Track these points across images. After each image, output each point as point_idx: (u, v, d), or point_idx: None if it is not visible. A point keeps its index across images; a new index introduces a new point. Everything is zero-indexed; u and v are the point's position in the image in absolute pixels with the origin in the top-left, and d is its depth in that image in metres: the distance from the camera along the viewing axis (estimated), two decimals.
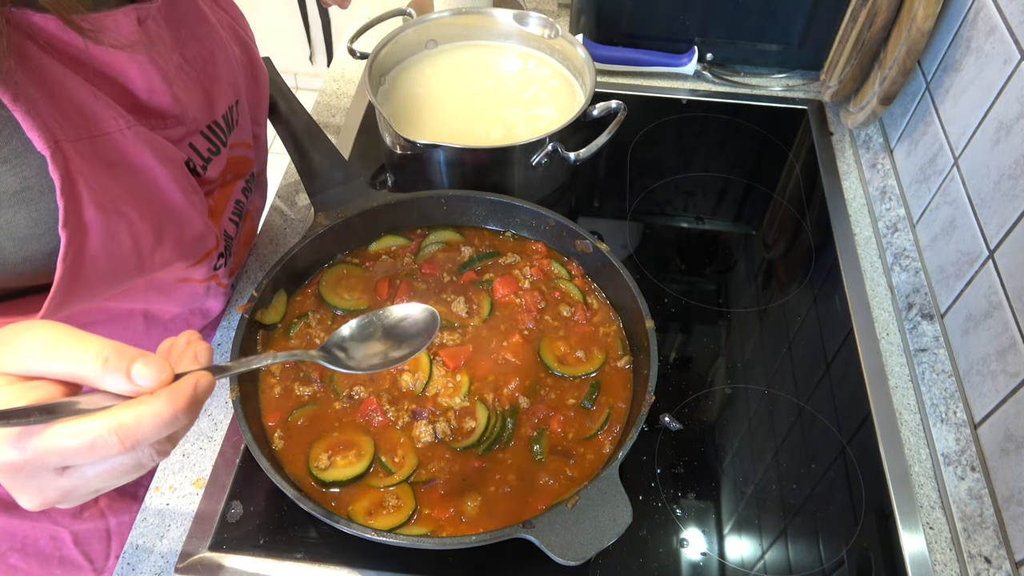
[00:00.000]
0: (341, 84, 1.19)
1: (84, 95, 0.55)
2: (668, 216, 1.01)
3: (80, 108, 0.55)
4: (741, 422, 0.80)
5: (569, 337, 0.79)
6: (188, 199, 0.65)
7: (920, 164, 0.94)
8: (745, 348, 0.86)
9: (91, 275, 0.57)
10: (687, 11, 1.13)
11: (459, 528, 0.66)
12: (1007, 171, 0.74)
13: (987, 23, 0.81)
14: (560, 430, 0.72)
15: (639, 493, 0.73)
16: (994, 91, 0.78)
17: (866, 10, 0.98)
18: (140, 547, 0.70)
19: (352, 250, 0.86)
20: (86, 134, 0.55)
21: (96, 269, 0.57)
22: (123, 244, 0.59)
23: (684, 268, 0.95)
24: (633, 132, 1.10)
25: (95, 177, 0.55)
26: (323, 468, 0.68)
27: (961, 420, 0.76)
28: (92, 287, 0.58)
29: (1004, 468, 0.69)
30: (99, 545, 0.81)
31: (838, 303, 0.90)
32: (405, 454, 0.70)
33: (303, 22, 2.63)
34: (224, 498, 0.72)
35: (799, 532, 0.72)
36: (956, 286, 0.81)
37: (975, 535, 0.70)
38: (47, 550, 0.79)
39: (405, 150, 0.92)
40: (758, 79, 1.20)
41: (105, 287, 0.60)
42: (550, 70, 1.06)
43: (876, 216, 0.99)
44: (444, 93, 1.02)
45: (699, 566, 0.69)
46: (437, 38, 1.06)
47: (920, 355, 0.83)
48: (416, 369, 0.75)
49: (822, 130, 1.12)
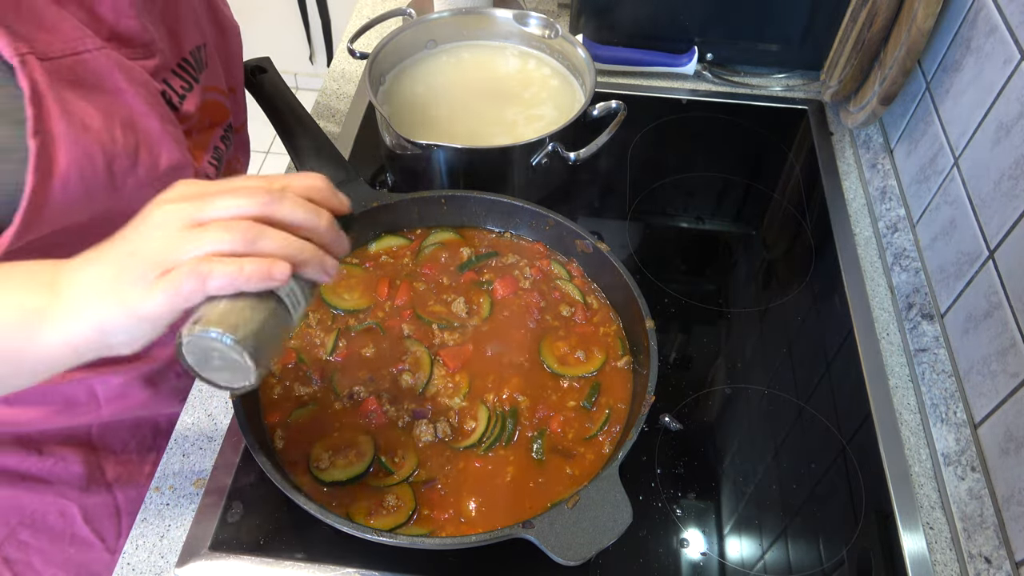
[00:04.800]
0: (341, 84, 1.19)
1: (51, 14, 0.55)
2: (668, 216, 1.01)
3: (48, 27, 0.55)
4: (741, 422, 0.80)
5: (569, 337, 0.79)
6: (164, 127, 0.64)
7: (920, 164, 0.94)
8: (745, 348, 0.86)
9: (61, 191, 0.56)
10: (687, 11, 1.13)
11: (459, 528, 0.66)
12: (1007, 171, 0.74)
13: (987, 23, 0.81)
14: (560, 430, 0.72)
15: (639, 493, 0.73)
16: (994, 91, 0.78)
17: (866, 10, 0.98)
18: (140, 547, 0.70)
19: (352, 250, 0.86)
20: (55, 54, 0.55)
21: (67, 185, 0.56)
22: (95, 161, 0.58)
23: (684, 268, 0.95)
24: (633, 132, 1.10)
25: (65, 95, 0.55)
26: (323, 468, 0.68)
27: (961, 420, 0.76)
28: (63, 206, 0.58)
29: (1004, 468, 0.69)
30: (109, 523, 0.81)
31: (838, 303, 0.90)
32: (405, 454, 0.70)
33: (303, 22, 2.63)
34: (224, 498, 0.72)
35: (799, 532, 0.72)
36: (956, 286, 0.81)
37: (975, 535, 0.70)
38: (58, 527, 0.79)
39: (405, 150, 0.92)
40: (758, 79, 1.20)
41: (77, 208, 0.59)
42: (550, 70, 1.06)
43: (876, 216, 0.99)
44: (444, 93, 1.02)
45: (699, 566, 0.69)
46: (437, 38, 1.06)
47: (920, 355, 0.83)
48: (416, 369, 0.76)
49: (822, 130, 1.12)
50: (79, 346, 0.48)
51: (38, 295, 0.48)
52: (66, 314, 0.47)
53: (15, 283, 0.49)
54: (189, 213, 0.48)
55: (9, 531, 0.77)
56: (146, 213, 0.49)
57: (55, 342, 0.48)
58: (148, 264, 0.47)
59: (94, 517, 0.80)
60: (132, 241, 0.48)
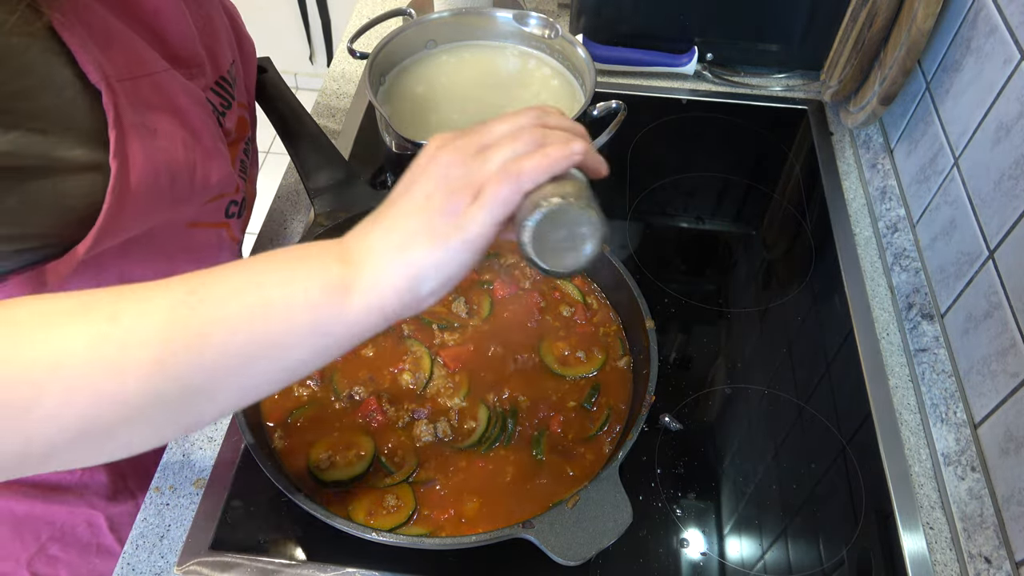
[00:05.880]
0: (341, 84, 1.19)
1: (126, 37, 0.57)
2: (668, 216, 1.01)
3: (124, 49, 0.56)
4: (741, 422, 0.80)
5: (569, 337, 0.79)
6: (215, 145, 0.66)
7: (920, 164, 0.94)
8: (745, 348, 0.86)
9: (131, 208, 0.58)
10: (687, 11, 1.13)
11: (459, 528, 0.66)
12: (1007, 171, 0.74)
13: (987, 23, 0.81)
14: (560, 430, 0.72)
15: (639, 493, 0.73)
16: (994, 91, 0.78)
17: (866, 10, 0.98)
18: (140, 547, 0.70)
19: None
20: (128, 75, 0.56)
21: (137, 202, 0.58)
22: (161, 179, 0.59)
23: (684, 268, 0.95)
24: (633, 132, 1.10)
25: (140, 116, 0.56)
26: (323, 468, 0.68)
27: (961, 420, 0.76)
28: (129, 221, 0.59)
29: (1004, 468, 0.69)
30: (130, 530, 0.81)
31: (838, 303, 0.90)
32: (405, 454, 0.70)
33: (303, 22, 2.63)
34: (224, 498, 0.72)
35: (799, 532, 0.72)
36: (956, 286, 0.81)
37: (975, 535, 0.70)
38: (85, 538, 0.79)
39: (405, 150, 0.92)
40: (758, 79, 1.20)
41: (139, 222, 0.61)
42: (550, 70, 1.06)
43: (876, 216, 0.99)
44: (444, 93, 1.02)
45: (699, 566, 0.69)
46: (437, 38, 1.06)
47: (920, 355, 0.83)
48: (416, 369, 0.76)
49: (822, 130, 1.12)
50: (387, 307, 0.47)
51: (333, 269, 0.47)
52: (372, 275, 0.46)
53: (305, 265, 0.48)
54: (473, 142, 0.49)
55: (39, 546, 0.77)
56: (421, 164, 0.50)
57: (362, 309, 0.46)
58: (454, 196, 0.47)
59: (119, 525, 0.80)
60: (423, 187, 0.48)
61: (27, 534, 0.77)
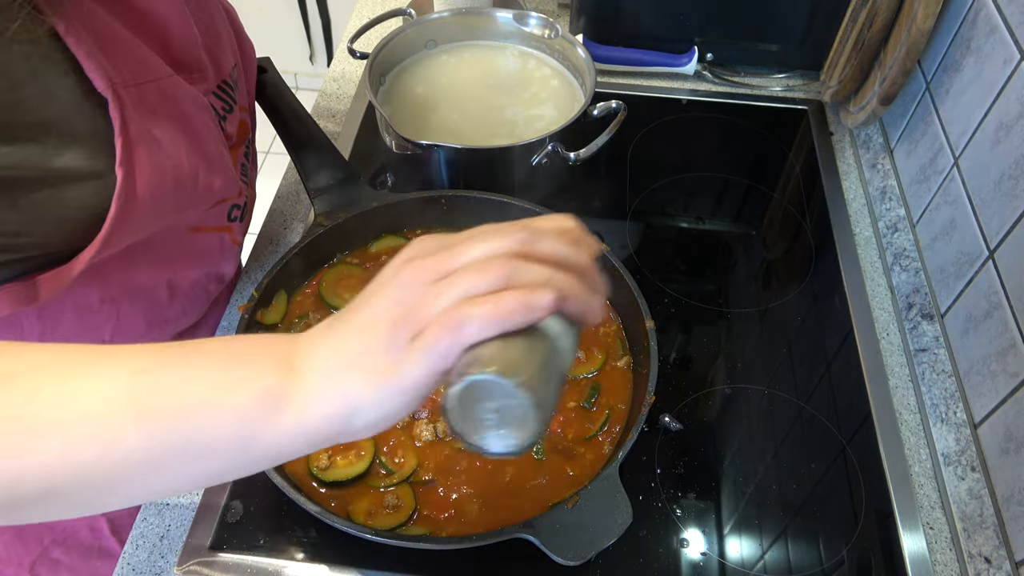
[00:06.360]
0: (341, 84, 1.19)
1: (130, 42, 0.56)
2: (668, 216, 1.01)
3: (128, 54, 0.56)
4: (741, 422, 0.80)
5: None
6: (219, 150, 0.66)
7: (920, 164, 0.94)
8: (745, 348, 0.86)
9: (136, 215, 0.58)
10: (687, 11, 1.13)
11: (459, 528, 0.66)
12: (1007, 171, 0.74)
13: (987, 23, 0.81)
14: (560, 430, 0.72)
15: (639, 493, 0.73)
16: (994, 91, 0.78)
17: (866, 10, 0.98)
18: (140, 547, 0.70)
19: (352, 250, 0.86)
20: (133, 81, 0.55)
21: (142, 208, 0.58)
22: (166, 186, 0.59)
23: (684, 268, 0.95)
24: (633, 132, 1.10)
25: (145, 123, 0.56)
26: (323, 468, 0.68)
27: (961, 420, 0.76)
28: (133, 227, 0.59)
29: (1004, 468, 0.69)
30: None
31: (838, 303, 0.90)
32: (405, 454, 0.70)
33: (303, 22, 2.63)
34: (224, 498, 0.72)
35: (799, 532, 0.72)
36: (956, 286, 0.81)
37: (975, 535, 0.70)
38: (87, 541, 0.79)
39: (405, 150, 0.92)
40: (758, 79, 1.20)
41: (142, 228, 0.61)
42: (550, 70, 1.06)
43: (876, 216, 0.99)
44: (444, 93, 1.02)
45: (699, 566, 0.70)
46: (437, 38, 1.06)
47: (920, 355, 0.83)
48: None
49: (822, 130, 1.12)
50: (315, 432, 0.42)
51: (274, 373, 0.42)
52: (307, 395, 0.41)
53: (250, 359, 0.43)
54: (436, 265, 0.43)
55: (42, 550, 0.77)
56: (386, 276, 0.44)
57: (291, 428, 0.41)
58: (396, 328, 0.41)
59: (120, 527, 0.81)
60: (374, 307, 0.43)
61: (29, 538, 0.77)
